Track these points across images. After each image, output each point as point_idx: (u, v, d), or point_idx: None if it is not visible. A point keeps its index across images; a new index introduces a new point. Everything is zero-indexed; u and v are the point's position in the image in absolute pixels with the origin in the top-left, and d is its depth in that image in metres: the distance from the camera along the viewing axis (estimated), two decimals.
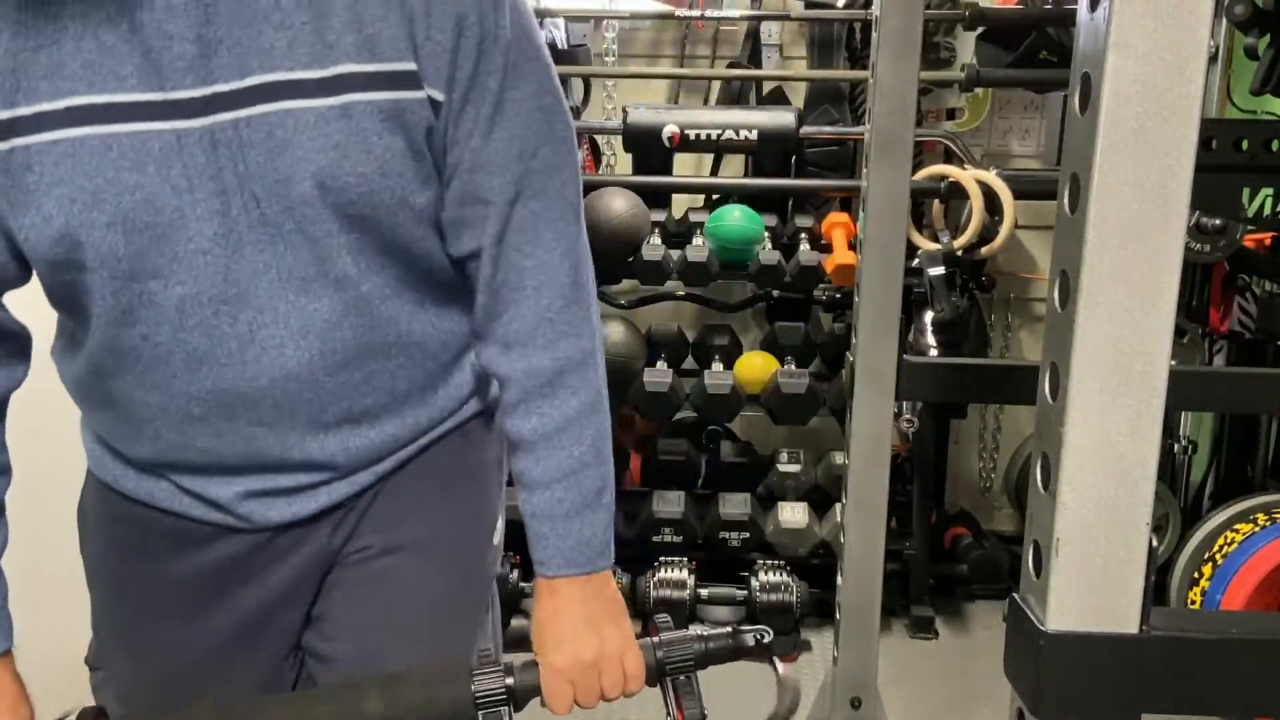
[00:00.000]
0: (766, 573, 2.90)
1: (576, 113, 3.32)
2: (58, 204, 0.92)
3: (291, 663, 1.21)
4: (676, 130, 2.90)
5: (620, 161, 3.38)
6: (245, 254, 0.95)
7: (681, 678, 1.10)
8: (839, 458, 2.98)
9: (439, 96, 0.95)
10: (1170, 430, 3.17)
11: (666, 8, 3.31)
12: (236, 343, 0.98)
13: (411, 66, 0.94)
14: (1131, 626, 0.78)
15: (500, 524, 1.25)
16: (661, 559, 2.94)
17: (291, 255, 0.96)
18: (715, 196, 3.19)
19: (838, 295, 3.06)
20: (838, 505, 2.82)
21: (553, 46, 3.19)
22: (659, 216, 3.07)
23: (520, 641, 2.94)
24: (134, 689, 1.19)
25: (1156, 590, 0.79)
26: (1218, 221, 2.69)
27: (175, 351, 0.99)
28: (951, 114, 3.24)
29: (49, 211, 0.93)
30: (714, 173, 3.35)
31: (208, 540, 1.13)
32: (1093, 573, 0.77)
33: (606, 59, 3.34)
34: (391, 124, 0.94)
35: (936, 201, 2.98)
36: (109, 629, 1.20)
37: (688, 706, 1.08)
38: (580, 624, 1.05)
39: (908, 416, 2.85)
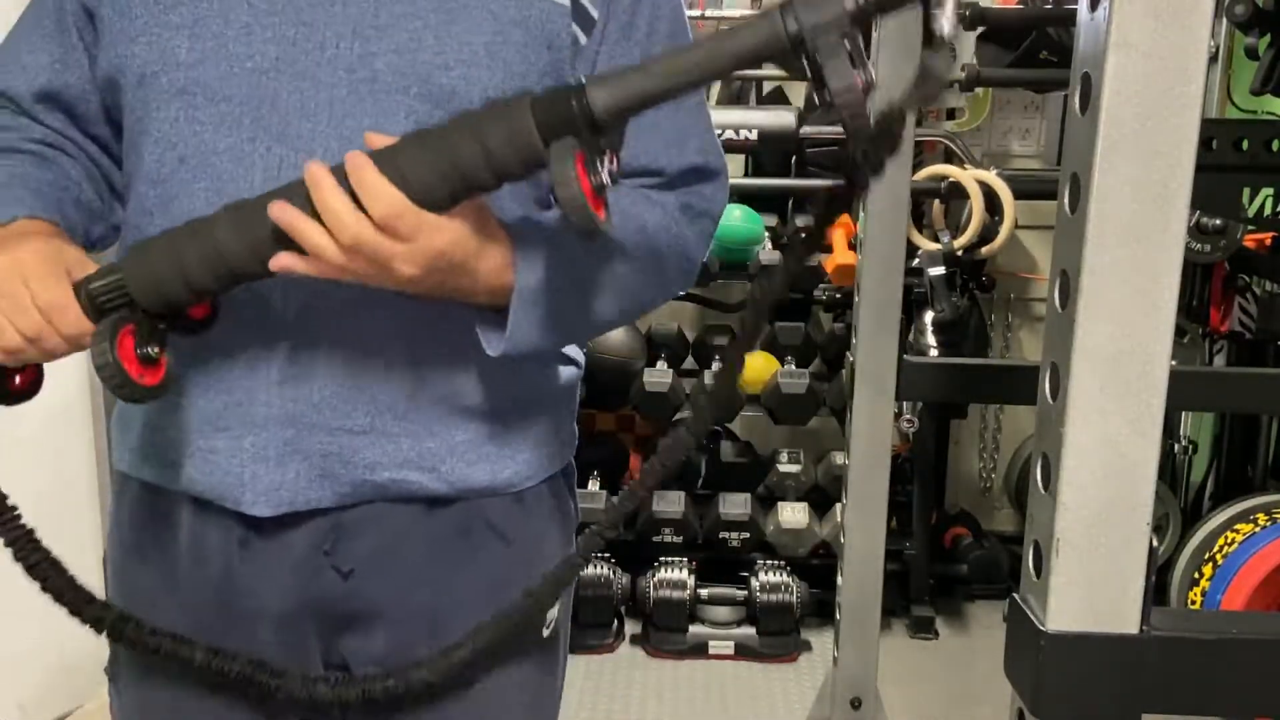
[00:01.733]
0: (766, 573, 2.90)
1: None
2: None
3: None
4: None
5: None
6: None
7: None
8: (839, 458, 2.98)
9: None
10: (1170, 430, 3.17)
11: None
12: None
13: None
14: (1131, 626, 0.78)
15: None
16: (661, 559, 2.94)
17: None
18: None
19: (838, 295, 3.06)
20: (838, 505, 2.82)
21: None
22: None
23: None
24: (136, 711, 1.08)
25: (1156, 590, 0.79)
26: (1218, 221, 2.69)
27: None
28: (951, 114, 3.24)
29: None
30: None
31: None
32: (1093, 573, 0.77)
33: None
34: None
35: (936, 201, 2.98)
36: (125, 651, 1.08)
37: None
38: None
39: (908, 416, 2.85)
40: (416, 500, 0.97)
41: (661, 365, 3.02)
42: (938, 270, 2.82)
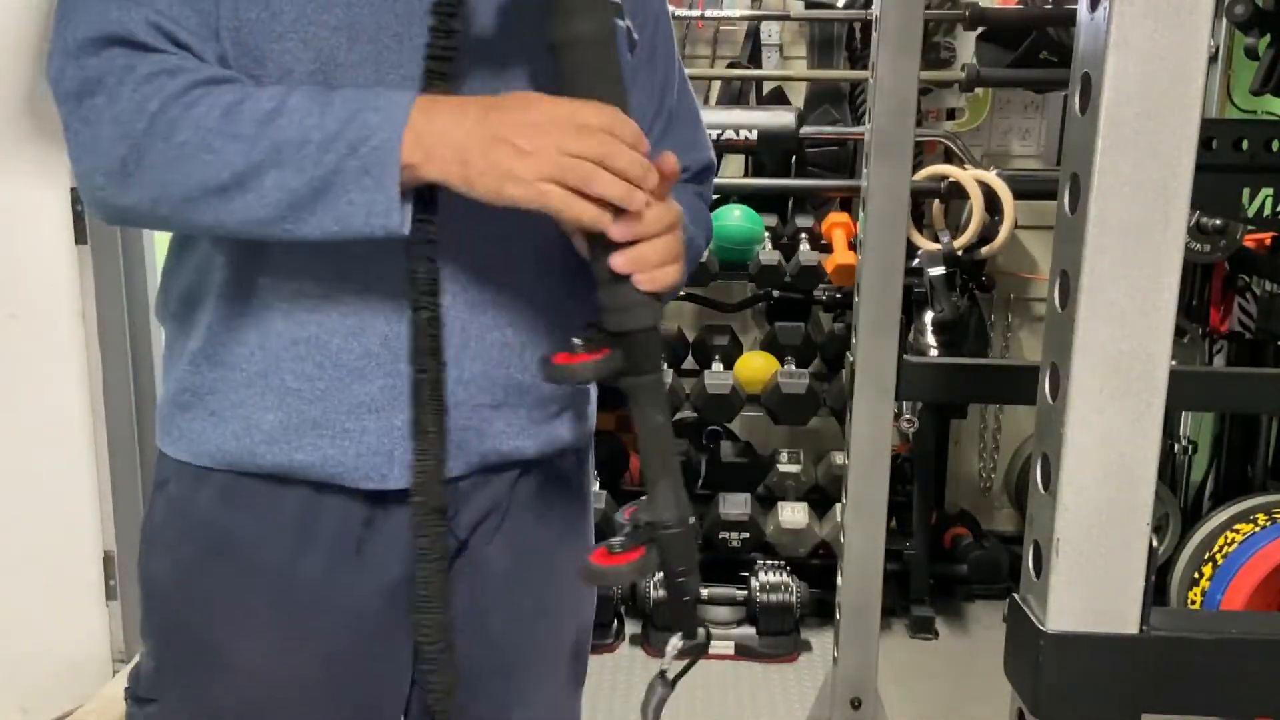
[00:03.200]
0: (766, 573, 2.90)
1: None
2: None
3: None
4: None
5: None
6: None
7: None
8: (839, 458, 2.98)
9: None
10: (1170, 430, 3.17)
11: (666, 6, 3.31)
12: None
13: None
14: (1131, 627, 0.78)
15: None
16: None
17: None
18: (715, 196, 3.19)
19: (838, 295, 3.06)
20: (838, 505, 2.82)
21: None
22: None
23: None
24: None
25: (1156, 590, 0.79)
26: (1218, 221, 2.70)
27: None
28: (951, 114, 3.24)
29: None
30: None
31: (339, 517, 1.01)
32: (1093, 573, 0.77)
33: None
34: None
35: (936, 201, 2.98)
36: (183, 652, 1.04)
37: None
38: None
39: (908, 416, 2.86)
40: (514, 465, 1.06)
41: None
42: (938, 270, 2.82)
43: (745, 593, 2.90)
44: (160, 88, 0.86)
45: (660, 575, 1.08)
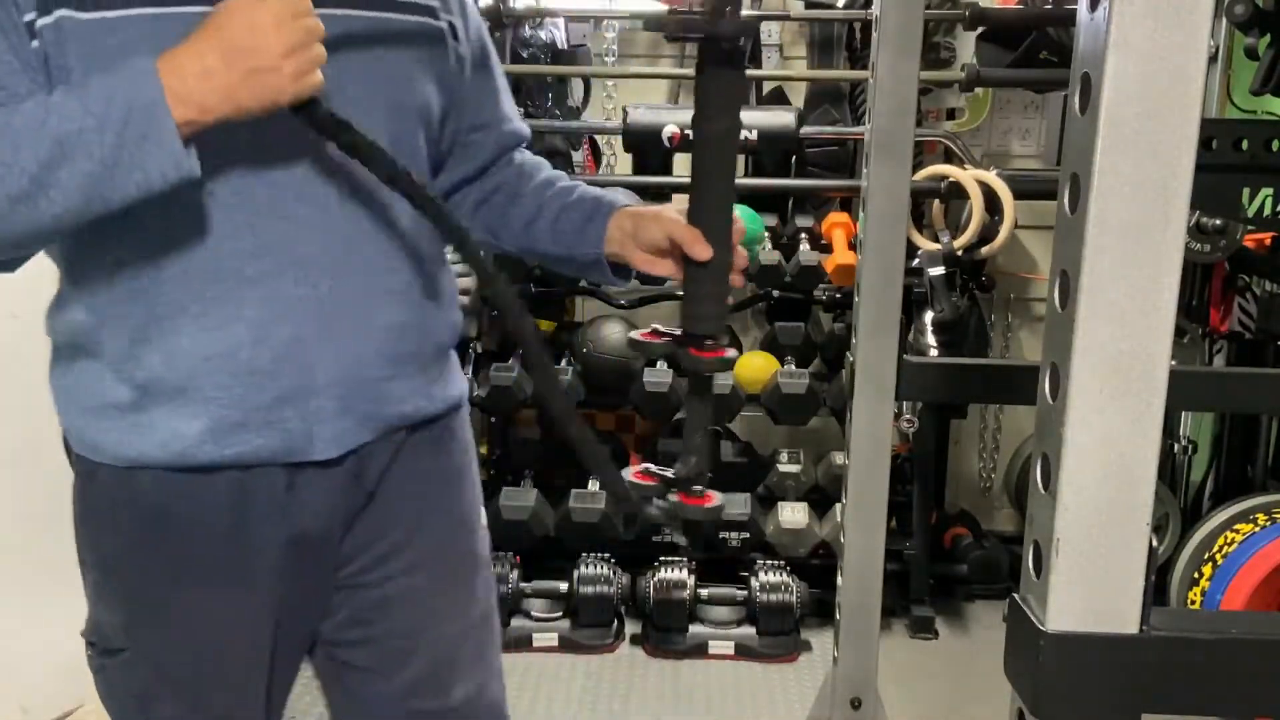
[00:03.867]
0: (766, 573, 2.90)
1: (577, 113, 3.33)
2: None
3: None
4: (676, 130, 2.90)
5: (620, 161, 3.38)
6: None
7: None
8: (839, 458, 2.98)
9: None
10: (1170, 430, 3.17)
11: (665, 7, 3.31)
12: None
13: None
14: (1131, 626, 0.78)
15: None
16: (661, 559, 2.94)
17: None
18: None
19: (838, 295, 3.06)
20: (838, 505, 2.81)
21: (553, 46, 3.19)
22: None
23: (521, 642, 2.94)
24: (172, 667, 1.22)
25: (1156, 590, 0.79)
26: (1218, 221, 2.70)
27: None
28: (951, 114, 3.24)
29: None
30: None
31: (268, 494, 1.17)
32: (1093, 573, 0.77)
33: (606, 59, 3.34)
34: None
35: (936, 201, 2.98)
36: (148, 607, 1.20)
37: None
38: None
39: (908, 416, 2.86)
40: (414, 423, 1.25)
41: (661, 365, 3.02)
42: (938, 270, 2.82)
43: (745, 593, 2.90)
44: None
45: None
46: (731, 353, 1.23)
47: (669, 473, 1.23)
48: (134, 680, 1.23)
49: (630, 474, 1.24)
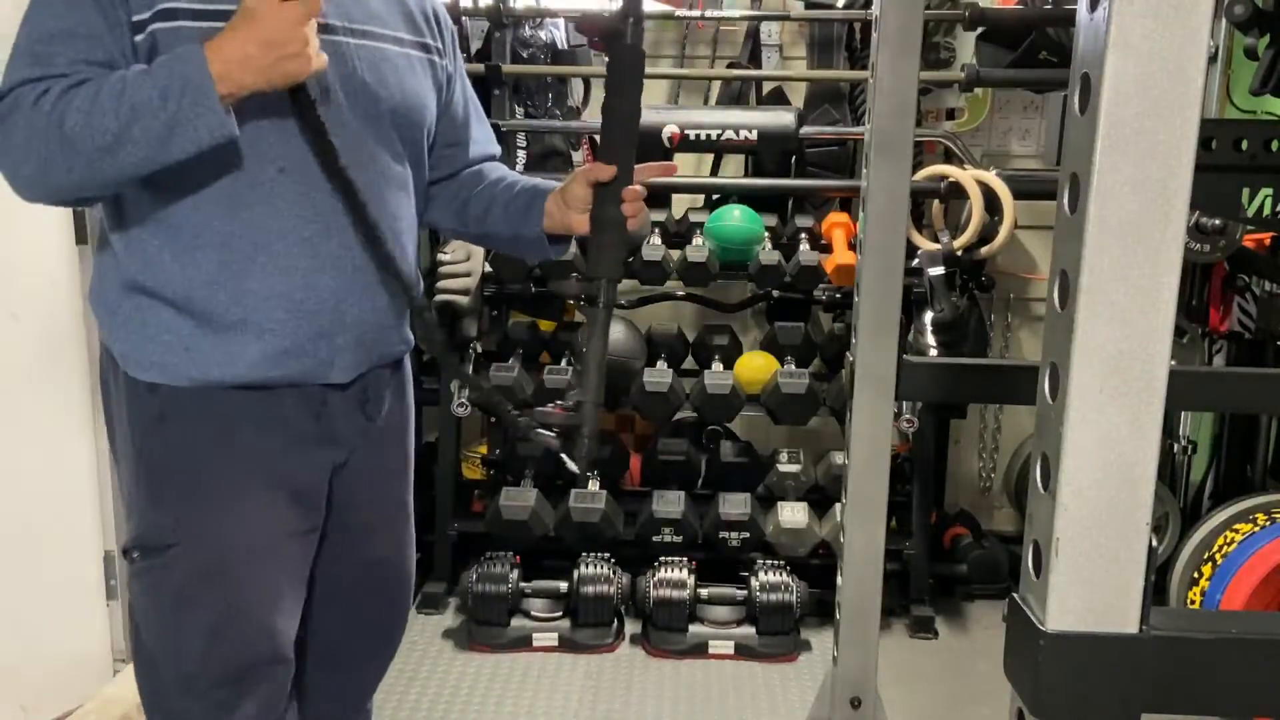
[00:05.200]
0: (766, 573, 2.90)
1: (576, 113, 3.33)
2: None
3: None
4: (676, 130, 2.90)
5: None
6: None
7: None
8: (839, 458, 2.98)
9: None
10: (1170, 430, 3.17)
11: (666, 8, 3.31)
12: None
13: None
14: (1131, 626, 0.78)
15: None
16: (661, 559, 2.94)
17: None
18: (715, 196, 3.19)
19: (838, 295, 3.06)
20: (838, 505, 2.82)
21: (553, 46, 3.19)
22: (659, 216, 3.08)
23: (521, 642, 2.93)
24: (219, 558, 1.41)
25: (1156, 590, 0.79)
26: (1218, 221, 2.70)
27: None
28: (951, 114, 3.24)
29: None
30: (714, 173, 3.35)
31: (304, 404, 1.46)
32: (1093, 573, 0.77)
33: (606, 59, 3.34)
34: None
35: (936, 201, 2.98)
36: (202, 499, 1.41)
37: None
38: None
39: (908, 416, 2.86)
40: (394, 360, 1.59)
41: (661, 365, 3.02)
42: (937, 270, 2.82)
43: (745, 592, 2.90)
44: (46, 99, 1.27)
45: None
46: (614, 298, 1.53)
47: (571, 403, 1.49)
48: (177, 575, 1.41)
49: (551, 406, 1.50)
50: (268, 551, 1.44)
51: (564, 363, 3.07)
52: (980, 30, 2.97)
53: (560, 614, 2.92)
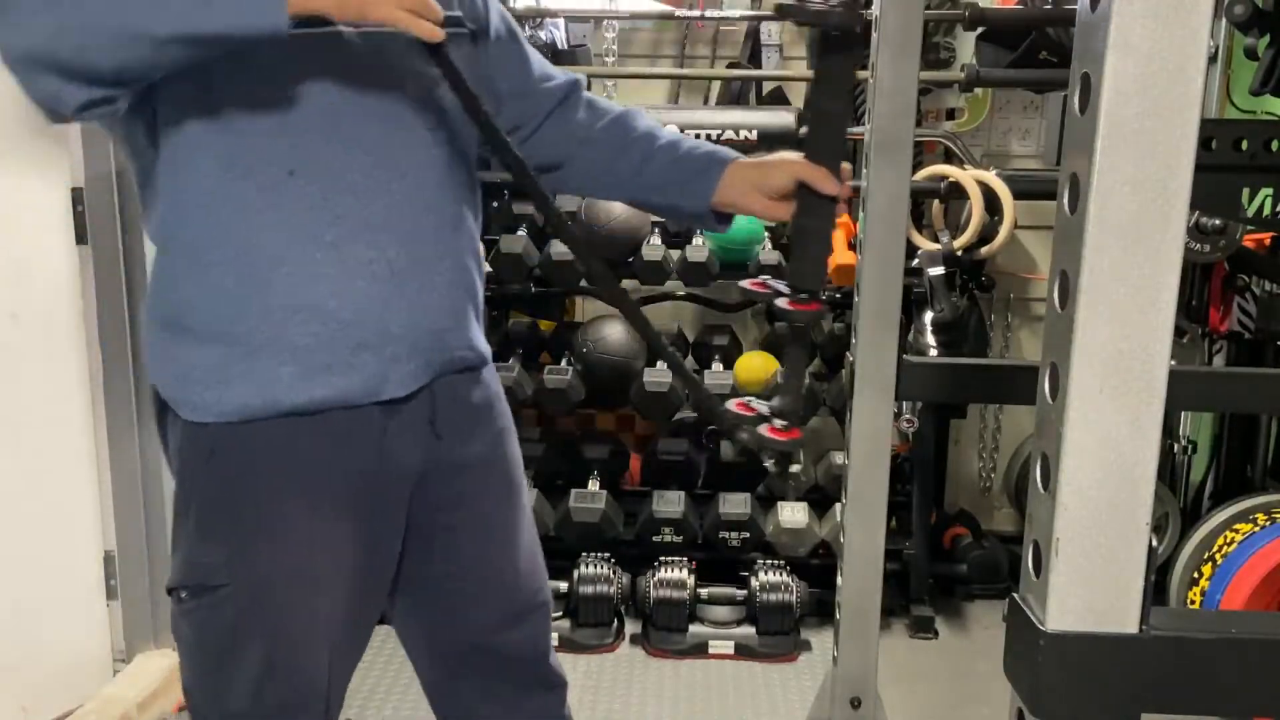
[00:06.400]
0: (766, 573, 2.90)
1: None
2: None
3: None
4: (677, 130, 2.89)
5: None
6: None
7: None
8: (839, 458, 2.98)
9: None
10: (1170, 430, 3.17)
11: (666, 8, 3.31)
12: None
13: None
14: (1131, 626, 0.78)
15: None
16: (661, 559, 2.94)
17: None
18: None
19: (838, 295, 3.06)
20: (838, 505, 2.82)
21: (553, 46, 3.19)
22: (659, 216, 3.08)
23: None
24: (271, 593, 1.31)
25: (1156, 590, 0.79)
26: (1218, 221, 2.69)
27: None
28: (951, 114, 3.24)
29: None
30: None
31: (361, 425, 1.32)
32: (1093, 573, 0.77)
33: (606, 59, 3.35)
34: None
35: (936, 201, 2.98)
36: (253, 538, 1.31)
37: None
38: None
39: (908, 416, 2.85)
40: (464, 370, 1.41)
41: (661, 365, 3.02)
42: (937, 270, 2.82)
43: (745, 592, 2.90)
44: None
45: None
46: (823, 307, 1.42)
47: (765, 408, 1.38)
48: (227, 615, 1.31)
49: (733, 404, 1.40)
50: (322, 589, 1.34)
51: (563, 362, 3.07)
52: (980, 30, 2.97)
53: (560, 614, 2.91)
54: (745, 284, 1.44)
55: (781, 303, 1.38)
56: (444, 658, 1.51)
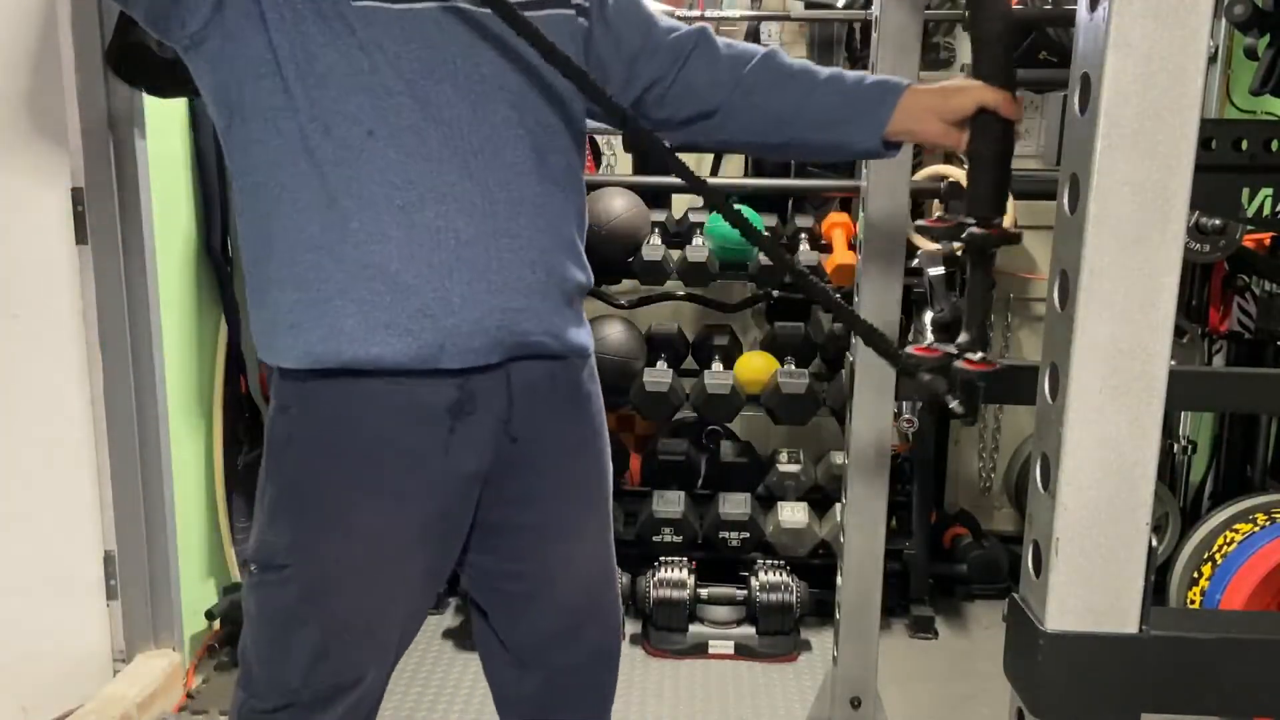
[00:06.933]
0: (766, 573, 2.90)
1: None
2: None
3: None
4: None
5: (620, 161, 3.38)
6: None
7: None
8: (839, 458, 2.98)
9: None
10: (1170, 430, 3.17)
11: (666, 7, 3.31)
12: None
13: None
14: (1131, 626, 0.78)
15: None
16: (661, 559, 2.94)
17: None
18: None
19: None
20: (838, 505, 2.82)
21: None
22: (659, 216, 3.08)
23: None
24: (331, 580, 1.36)
25: (1156, 590, 0.79)
26: (1218, 221, 2.69)
27: None
28: None
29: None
30: (714, 173, 3.35)
31: (432, 398, 1.34)
32: (1093, 573, 0.77)
33: None
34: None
35: (936, 201, 2.98)
36: (316, 524, 1.36)
37: None
38: None
39: (908, 416, 2.85)
40: (545, 358, 1.40)
41: (661, 365, 3.02)
42: (937, 270, 2.82)
43: (745, 592, 2.90)
44: None
45: None
46: (1005, 228, 1.42)
47: (950, 347, 1.38)
48: (287, 596, 1.37)
49: (911, 349, 1.40)
50: (381, 584, 1.39)
51: None
52: None
53: None
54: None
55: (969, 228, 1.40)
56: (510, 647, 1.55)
